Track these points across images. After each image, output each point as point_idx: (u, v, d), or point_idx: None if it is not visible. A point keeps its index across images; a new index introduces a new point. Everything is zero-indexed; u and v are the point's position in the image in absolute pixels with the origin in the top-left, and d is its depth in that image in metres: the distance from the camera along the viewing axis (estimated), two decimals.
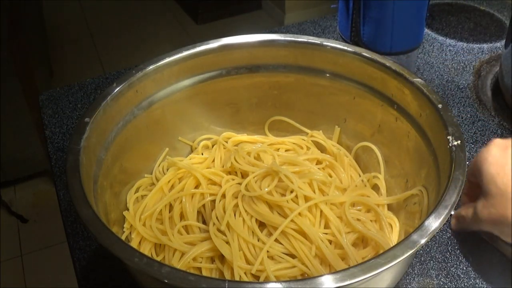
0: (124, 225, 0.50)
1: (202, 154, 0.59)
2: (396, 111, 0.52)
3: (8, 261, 1.44)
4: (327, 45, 0.55)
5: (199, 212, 0.53)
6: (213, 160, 0.58)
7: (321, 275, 0.33)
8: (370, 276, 0.33)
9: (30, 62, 1.53)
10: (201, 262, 0.47)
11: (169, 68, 0.53)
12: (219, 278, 0.45)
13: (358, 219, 0.50)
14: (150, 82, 0.53)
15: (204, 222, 0.52)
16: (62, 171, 0.62)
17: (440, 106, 0.46)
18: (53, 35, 2.29)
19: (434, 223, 0.37)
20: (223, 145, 0.59)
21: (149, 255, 0.47)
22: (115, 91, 0.49)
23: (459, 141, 0.43)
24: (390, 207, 0.52)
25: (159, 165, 0.57)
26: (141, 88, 0.52)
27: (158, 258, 0.48)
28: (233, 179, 0.54)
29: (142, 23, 2.48)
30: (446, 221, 0.38)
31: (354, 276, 0.33)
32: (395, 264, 0.34)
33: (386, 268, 0.34)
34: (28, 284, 1.39)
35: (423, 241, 0.36)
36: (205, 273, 0.46)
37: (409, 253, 0.35)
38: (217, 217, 0.49)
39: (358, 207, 0.52)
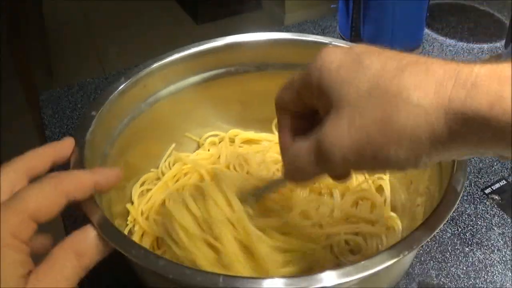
0: (128, 218, 0.50)
1: (209, 150, 0.59)
2: None
3: None
4: (328, 44, 0.55)
5: None
6: (219, 157, 0.58)
7: (321, 272, 0.33)
8: (368, 274, 0.33)
9: (30, 62, 1.53)
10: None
11: (177, 65, 0.53)
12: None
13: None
14: (157, 78, 0.52)
15: None
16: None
17: None
18: (53, 35, 2.29)
19: (434, 223, 0.37)
20: (229, 142, 0.60)
21: (151, 249, 0.48)
22: (122, 86, 0.49)
23: None
24: (393, 209, 0.52)
25: (165, 160, 0.57)
26: (148, 83, 0.52)
27: (159, 252, 0.48)
28: None
29: (142, 23, 2.48)
30: (446, 221, 0.38)
31: (350, 274, 0.33)
32: (394, 262, 0.34)
33: (382, 268, 0.34)
34: None
35: (423, 240, 0.36)
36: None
37: (406, 254, 0.35)
38: None
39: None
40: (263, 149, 0.58)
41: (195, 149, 0.60)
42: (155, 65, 0.52)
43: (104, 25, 2.49)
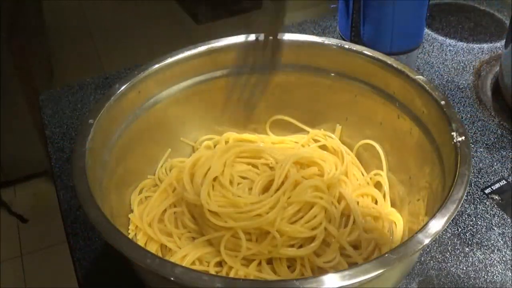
0: (129, 227, 0.50)
1: None
2: (398, 108, 0.52)
3: (8, 261, 1.44)
4: (328, 44, 0.55)
5: None
6: None
7: (324, 274, 0.33)
8: (376, 275, 0.33)
9: (30, 62, 1.53)
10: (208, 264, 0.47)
11: (171, 68, 0.53)
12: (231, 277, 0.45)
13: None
14: (152, 83, 0.53)
15: None
16: (62, 171, 0.62)
17: (443, 102, 0.46)
18: (53, 35, 2.28)
19: (443, 216, 0.37)
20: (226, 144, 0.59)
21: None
22: (118, 92, 0.49)
23: (463, 137, 0.43)
24: (393, 204, 0.53)
25: (161, 166, 0.57)
26: (143, 88, 0.52)
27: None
28: None
29: (142, 23, 2.48)
30: (455, 216, 0.38)
31: (357, 276, 0.33)
32: (404, 261, 0.35)
33: (395, 266, 0.34)
34: (28, 284, 1.38)
35: (438, 229, 0.36)
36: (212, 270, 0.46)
37: (422, 246, 0.35)
38: None
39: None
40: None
41: (191, 153, 0.60)
42: (149, 70, 0.52)
43: (104, 25, 2.48)
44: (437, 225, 0.37)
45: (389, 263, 0.34)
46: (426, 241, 0.36)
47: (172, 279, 0.34)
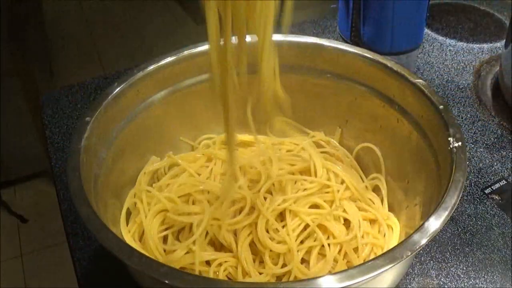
0: (128, 226, 0.50)
1: (203, 154, 0.59)
2: (397, 112, 0.52)
3: (8, 261, 1.44)
4: (328, 46, 0.55)
5: None
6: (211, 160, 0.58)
7: (321, 276, 0.33)
8: (369, 277, 0.33)
9: (30, 62, 1.53)
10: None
11: (171, 68, 0.53)
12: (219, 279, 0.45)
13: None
14: (151, 82, 0.53)
15: None
16: (62, 171, 0.62)
17: (441, 107, 0.46)
18: (53, 35, 2.28)
19: (434, 224, 0.37)
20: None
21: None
22: (116, 90, 0.49)
23: (460, 143, 0.42)
24: (391, 208, 0.52)
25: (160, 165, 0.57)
26: (142, 88, 0.52)
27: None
28: None
29: (142, 23, 2.48)
30: (446, 222, 0.38)
31: (353, 277, 0.33)
32: (394, 265, 0.34)
33: (386, 269, 0.34)
34: (28, 284, 1.38)
35: (423, 242, 0.36)
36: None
37: (409, 254, 0.35)
38: None
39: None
40: (258, 151, 0.58)
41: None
42: (148, 69, 0.52)
43: (104, 25, 2.48)
44: (422, 236, 0.36)
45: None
46: (408, 252, 0.35)
47: (157, 278, 0.34)
